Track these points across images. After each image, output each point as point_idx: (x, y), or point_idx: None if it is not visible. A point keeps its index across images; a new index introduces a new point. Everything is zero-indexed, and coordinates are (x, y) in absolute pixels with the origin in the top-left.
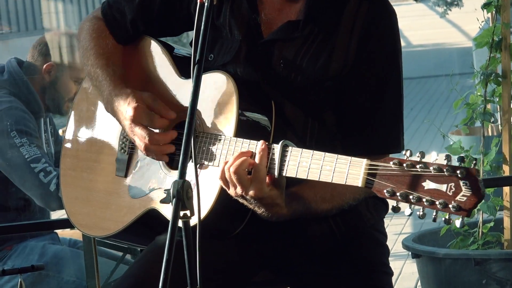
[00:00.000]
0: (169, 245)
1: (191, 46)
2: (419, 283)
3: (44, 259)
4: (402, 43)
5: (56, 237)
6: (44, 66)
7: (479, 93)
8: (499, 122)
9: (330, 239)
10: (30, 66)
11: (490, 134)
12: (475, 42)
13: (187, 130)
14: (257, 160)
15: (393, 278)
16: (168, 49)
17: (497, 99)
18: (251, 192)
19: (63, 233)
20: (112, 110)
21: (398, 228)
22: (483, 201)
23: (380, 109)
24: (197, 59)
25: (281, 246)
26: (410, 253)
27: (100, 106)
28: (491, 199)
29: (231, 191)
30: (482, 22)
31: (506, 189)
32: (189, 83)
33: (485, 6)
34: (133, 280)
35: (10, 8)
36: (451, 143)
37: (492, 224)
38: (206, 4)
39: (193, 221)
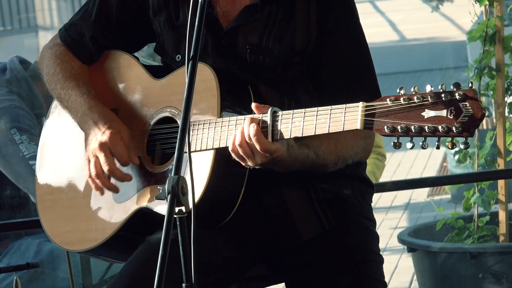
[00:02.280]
0: (164, 241)
1: (156, 52)
2: (415, 277)
3: (39, 256)
4: (396, 37)
5: None
6: None
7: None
8: (493, 115)
9: (317, 225)
10: (36, 69)
11: (484, 127)
12: (469, 36)
13: (182, 125)
14: (251, 132)
15: (389, 273)
16: (135, 58)
17: (491, 93)
18: (258, 160)
19: None
20: (86, 124)
21: (393, 222)
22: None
23: (356, 68)
24: (191, 54)
25: (269, 233)
26: (405, 247)
27: (74, 127)
28: (486, 192)
29: (244, 162)
30: (475, 15)
31: (501, 182)
32: (163, 82)
33: None
34: (128, 280)
35: (3, 6)
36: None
37: (487, 218)
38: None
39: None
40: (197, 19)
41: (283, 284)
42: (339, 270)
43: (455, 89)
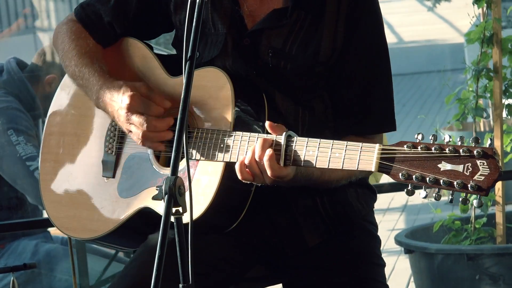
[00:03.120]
0: (161, 242)
1: (173, 47)
2: (412, 279)
3: (36, 257)
4: (394, 40)
5: (48, 236)
6: (47, 77)
7: (470, 89)
8: (491, 117)
9: (323, 231)
10: (33, 70)
11: (482, 129)
12: (467, 38)
13: (179, 127)
14: (265, 157)
15: (386, 274)
16: (150, 48)
17: (489, 95)
18: (267, 179)
19: (56, 231)
20: (104, 103)
21: (390, 224)
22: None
23: (374, 89)
24: (189, 55)
25: (274, 240)
26: (403, 248)
27: (81, 109)
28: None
29: (249, 179)
30: (473, 17)
31: (498, 184)
32: (177, 81)
33: (476, 1)
34: (131, 280)
35: (1, 7)
36: (443, 138)
37: (484, 219)
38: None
39: (187, 217)
40: (194, 20)
41: (281, 284)
42: (341, 272)
43: (474, 144)
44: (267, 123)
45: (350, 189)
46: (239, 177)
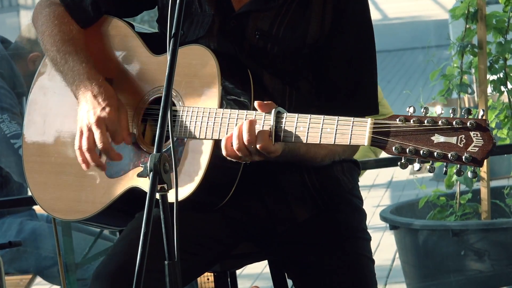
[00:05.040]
0: (146, 219)
1: (158, 23)
2: (397, 255)
3: (21, 235)
4: (379, 16)
5: (33, 214)
6: (30, 55)
7: (455, 65)
8: (475, 93)
9: (312, 206)
10: (17, 48)
11: (467, 105)
12: (452, 14)
13: (163, 104)
14: (252, 139)
15: (372, 250)
16: (132, 27)
17: (474, 71)
18: (255, 158)
19: (41, 209)
20: (84, 95)
21: (376, 200)
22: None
23: (359, 73)
24: (173, 32)
25: (264, 216)
26: (388, 224)
27: (63, 89)
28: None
29: (235, 157)
30: None
31: None
32: (161, 59)
33: None
34: (121, 258)
35: None
36: (435, 111)
37: (469, 195)
38: None
39: (174, 194)
40: None
41: (266, 260)
42: (328, 247)
43: (466, 116)
44: (256, 103)
45: (336, 162)
46: (224, 153)
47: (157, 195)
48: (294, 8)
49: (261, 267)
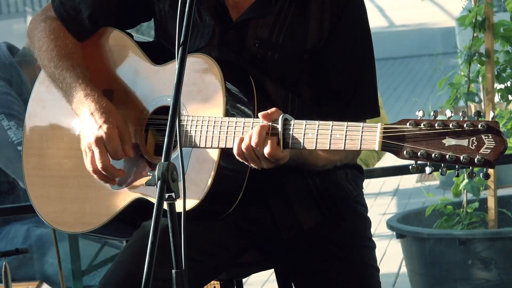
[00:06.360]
0: (154, 228)
1: (157, 36)
2: (403, 263)
3: (28, 242)
4: (385, 23)
5: (40, 220)
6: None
7: (463, 73)
8: (483, 102)
9: (317, 213)
10: (25, 55)
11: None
12: (459, 22)
13: (172, 113)
14: (266, 150)
15: (378, 258)
16: (130, 37)
17: (481, 79)
18: (264, 165)
19: None
20: (82, 112)
21: (382, 208)
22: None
23: (358, 75)
24: (181, 41)
25: (269, 223)
26: (394, 233)
27: (62, 101)
28: (475, 179)
29: (243, 156)
30: (464, 1)
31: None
32: (162, 70)
33: None
34: (127, 266)
35: None
36: (445, 114)
37: (476, 204)
38: None
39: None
40: (187, 5)
41: (273, 269)
42: (332, 255)
43: (477, 118)
44: (260, 115)
45: (340, 170)
46: (234, 152)
47: (165, 204)
48: (292, 14)
49: (267, 275)
